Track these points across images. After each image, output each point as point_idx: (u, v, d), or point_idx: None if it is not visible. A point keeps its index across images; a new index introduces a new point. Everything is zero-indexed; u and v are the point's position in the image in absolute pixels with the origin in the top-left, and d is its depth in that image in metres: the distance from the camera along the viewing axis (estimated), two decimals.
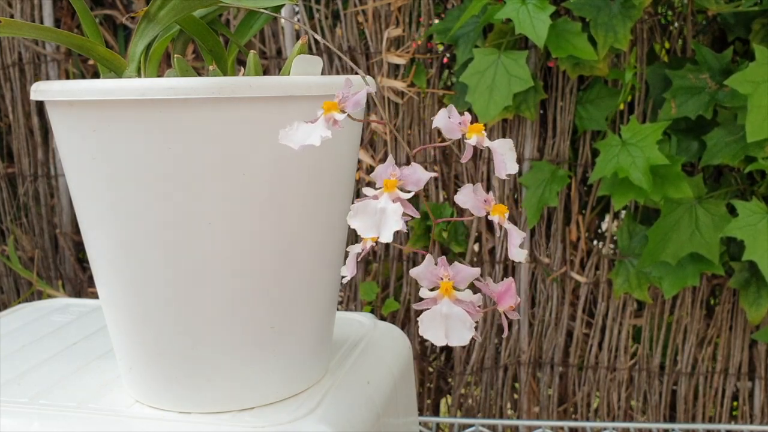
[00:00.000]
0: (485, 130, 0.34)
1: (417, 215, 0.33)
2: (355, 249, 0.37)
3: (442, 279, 0.32)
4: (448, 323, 0.31)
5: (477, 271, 0.32)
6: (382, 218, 0.31)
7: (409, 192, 0.32)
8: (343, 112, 0.34)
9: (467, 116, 0.34)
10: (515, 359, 1.18)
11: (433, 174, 0.33)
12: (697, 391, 1.15)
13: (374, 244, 0.35)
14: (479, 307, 0.33)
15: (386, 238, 0.30)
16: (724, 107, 0.99)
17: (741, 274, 1.05)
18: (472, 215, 0.32)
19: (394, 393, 0.59)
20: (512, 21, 0.95)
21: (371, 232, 0.31)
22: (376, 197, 0.32)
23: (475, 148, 0.34)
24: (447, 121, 0.33)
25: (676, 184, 0.97)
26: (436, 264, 0.32)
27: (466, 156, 0.34)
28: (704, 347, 1.14)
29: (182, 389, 0.49)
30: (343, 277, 0.37)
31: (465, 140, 0.34)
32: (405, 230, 0.33)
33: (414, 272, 0.32)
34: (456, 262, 0.32)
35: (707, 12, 1.06)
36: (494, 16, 0.94)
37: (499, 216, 0.34)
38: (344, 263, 0.39)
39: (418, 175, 0.32)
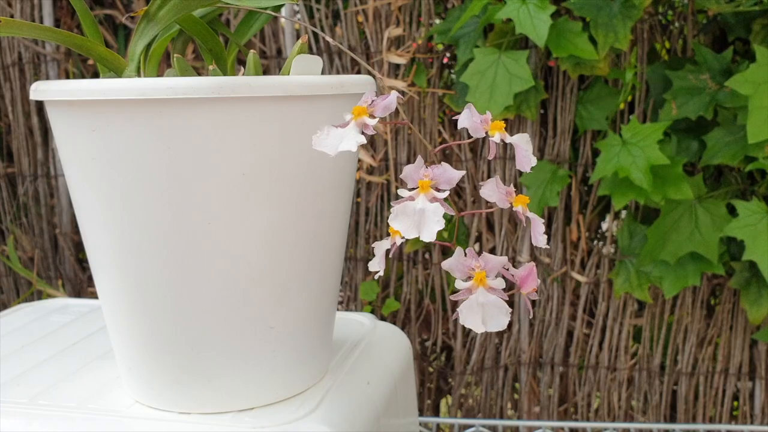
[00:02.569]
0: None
1: (453, 213, 0.34)
2: (384, 245, 0.38)
3: (473, 270, 0.34)
4: (485, 311, 0.33)
5: (504, 259, 0.34)
6: (422, 219, 0.32)
7: (443, 191, 0.33)
8: (373, 116, 0.35)
9: (489, 114, 0.36)
10: (516, 359, 1.18)
11: (463, 172, 0.34)
12: (697, 391, 1.15)
13: (403, 240, 0.36)
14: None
15: (428, 237, 0.32)
16: (725, 107, 0.98)
17: (741, 274, 1.05)
18: (475, 212, 0.33)
19: (394, 393, 0.59)
20: (513, 21, 0.95)
21: (412, 232, 0.32)
22: (412, 198, 0.32)
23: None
24: (471, 120, 0.35)
25: (677, 185, 0.97)
26: (465, 255, 0.34)
27: (492, 153, 0.35)
28: (705, 347, 1.14)
29: (182, 389, 0.49)
30: (376, 272, 0.38)
31: (489, 138, 0.35)
32: (443, 227, 0.34)
33: (446, 265, 0.34)
34: (485, 253, 0.34)
35: (707, 12, 1.06)
36: (495, 15, 0.94)
37: (522, 206, 0.35)
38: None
39: (449, 174, 0.34)
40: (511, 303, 1.18)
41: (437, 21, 1.12)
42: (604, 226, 1.18)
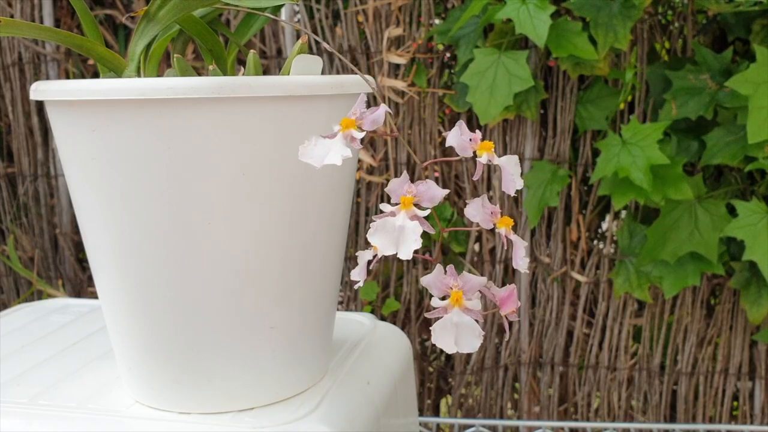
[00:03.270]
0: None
1: (432, 231, 0.34)
2: (366, 255, 0.38)
3: (451, 288, 0.33)
4: (458, 331, 0.32)
5: (484, 280, 0.33)
6: (401, 236, 0.32)
7: (425, 209, 0.33)
8: (362, 129, 0.34)
9: (478, 134, 0.35)
10: (516, 359, 1.18)
11: (447, 191, 0.33)
12: (697, 391, 1.15)
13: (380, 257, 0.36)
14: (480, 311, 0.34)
15: (405, 255, 0.31)
16: (725, 107, 0.98)
17: (741, 274, 1.05)
18: (456, 228, 0.33)
19: (395, 393, 0.59)
20: (513, 21, 0.95)
21: (390, 249, 0.32)
22: (393, 214, 0.32)
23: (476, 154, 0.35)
24: (459, 138, 0.34)
25: (677, 185, 0.97)
26: (445, 273, 0.33)
27: (477, 173, 0.35)
28: (704, 347, 1.14)
29: (182, 389, 0.49)
30: (355, 282, 0.38)
31: (477, 158, 0.35)
32: (419, 247, 0.34)
33: (425, 281, 0.33)
34: (465, 272, 0.33)
35: (707, 12, 1.06)
36: (495, 16, 0.94)
37: (506, 228, 0.35)
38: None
39: (433, 192, 0.33)
40: None
41: (437, 21, 1.12)
42: (604, 226, 1.18)
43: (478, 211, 0.35)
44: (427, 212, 0.33)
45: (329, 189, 0.49)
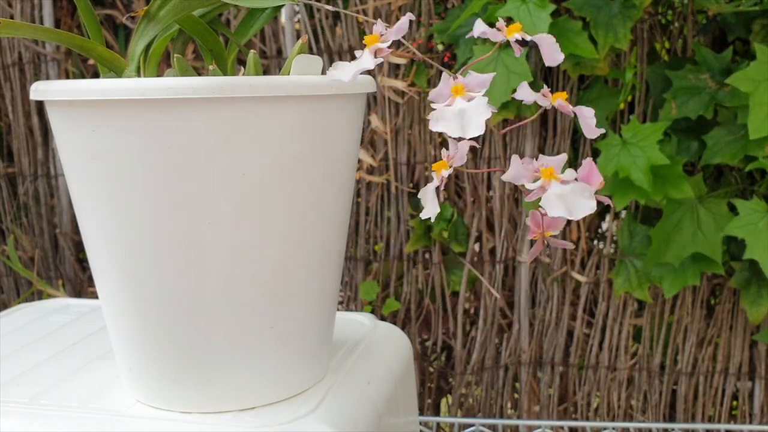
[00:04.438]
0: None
1: (495, 109, 0.34)
2: (432, 185, 0.37)
3: (538, 171, 0.33)
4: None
5: (564, 156, 0.33)
6: (464, 117, 0.32)
7: (477, 93, 0.33)
8: (386, 41, 0.35)
9: (501, 21, 0.36)
10: (516, 359, 1.18)
11: (492, 74, 0.34)
12: (697, 390, 1.15)
13: (448, 174, 0.35)
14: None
15: (476, 131, 0.31)
16: (725, 107, 0.98)
17: (741, 274, 1.05)
18: (497, 170, 0.33)
19: (395, 393, 0.59)
20: (513, 20, 0.94)
21: (458, 132, 0.32)
22: (449, 104, 0.33)
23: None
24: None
25: (678, 185, 0.97)
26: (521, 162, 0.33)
27: (517, 51, 0.36)
28: (704, 347, 1.14)
29: (182, 389, 0.49)
30: (427, 217, 0.37)
31: (510, 39, 0.36)
32: (489, 116, 0.33)
33: (507, 177, 0.33)
34: (541, 155, 0.33)
35: (707, 12, 1.06)
36: (495, 14, 0.94)
37: (561, 99, 0.36)
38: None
39: (480, 78, 0.33)
40: (511, 303, 1.18)
41: (437, 21, 1.12)
42: (604, 226, 1.18)
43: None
44: (481, 93, 0.33)
45: (329, 188, 0.49)
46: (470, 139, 0.33)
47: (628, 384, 1.17)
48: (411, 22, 1.10)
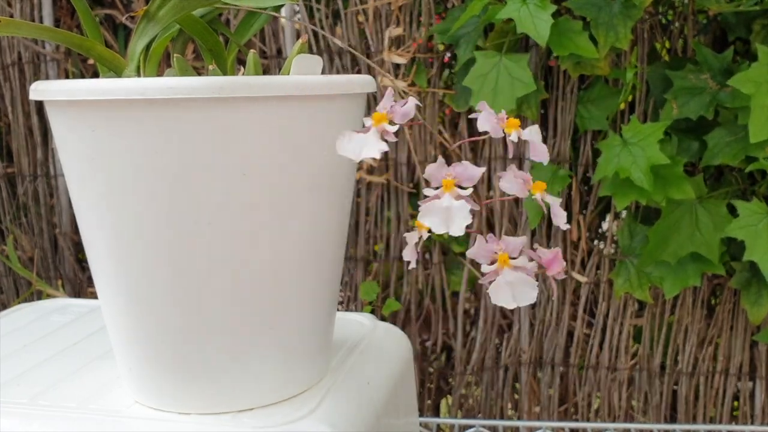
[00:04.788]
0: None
1: (478, 208, 0.36)
2: (413, 237, 0.40)
3: (496, 253, 0.36)
4: (513, 288, 0.35)
5: (524, 239, 0.36)
6: (449, 216, 0.34)
7: (466, 189, 0.35)
8: (393, 123, 0.36)
9: (504, 113, 0.38)
10: (516, 359, 1.18)
11: (483, 169, 0.36)
12: (697, 391, 1.15)
13: (428, 233, 0.38)
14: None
15: (457, 231, 0.34)
16: (725, 107, 0.98)
17: (742, 274, 1.04)
18: (502, 199, 0.34)
19: (395, 393, 0.59)
20: (513, 20, 0.94)
21: (442, 228, 0.34)
22: (438, 196, 0.35)
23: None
24: (490, 120, 0.37)
25: (678, 185, 0.97)
26: (486, 241, 0.36)
27: (510, 151, 0.37)
28: (705, 347, 1.14)
29: (182, 390, 0.49)
30: (408, 263, 0.40)
31: (507, 136, 0.37)
32: (470, 222, 0.36)
33: (470, 253, 0.36)
34: (504, 236, 0.36)
35: (708, 12, 1.06)
36: (495, 15, 0.94)
37: (540, 193, 0.38)
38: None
39: (471, 172, 0.36)
40: None
41: (438, 22, 1.12)
42: (605, 226, 1.18)
43: (511, 183, 0.37)
44: (469, 191, 0.35)
45: (329, 189, 0.49)
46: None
47: (629, 384, 1.17)
48: (411, 21, 1.10)
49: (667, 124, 0.96)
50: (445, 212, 0.34)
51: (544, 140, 1.12)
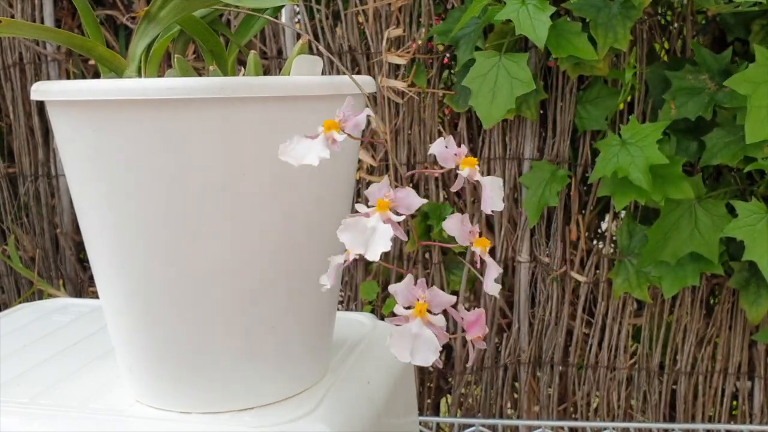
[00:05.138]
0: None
1: (405, 238, 0.34)
2: (337, 260, 0.37)
3: (418, 300, 0.32)
4: (416, 343, 0.32)
5: (453, 299, 0.32)
6: (372, 237, 0.31)
7: (400, 215, 0.32)
8: (344, 132, 0.34)
9: (463, 149, 0.35)
10: (515, 359, 1.18)
11: (424, 201, 0.33)
12: (696, 390, 1.16)
13: (357, 257, 0.35)
14: (446, 331, 0.34)
15: (372, 256, 0.31)
16: (724, 108, 0.99)
17: (741, 274, 1.05)
18: (430, 243, 0.33)
19: (395, 393, 0.59)
20: (512, 22, 0.95)
21: (359, 248, 0.31)
22: (367, 215, 0.32)
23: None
24: (443, 150, 0.34)
25: (677, 185, 0.97)
26: (415, 284, 0.33)
27: (456, 186, 0.35)
28: (704, 347, 1.14)
29: (182, 389, 0.49)
30: (323, 285, 0.37)
31: (458, 171, 0.34)
32: (388, 249, 0.33)
33: (392, 289, 0.33)
34: (434, 287, 0.32)
35: (707, 12, 1.06)
36: (494, 17, 0.94)
37: (481, 249, 0.35)
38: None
39: (411, 200, 0.32)
40: (510, 303, 1.18)
41: (437, 22, 1.12)
42: (604, 225, 1.18)
43: (455, 227, 0.34)
44: (401, 218, 0.32)
45: (330, 189, 0.49)
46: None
47: (628, 384, 1.17)
48: (411, 22, 1.10)
49: (665, 124, 0.96)
50: (369, 232, 0.31)
51: (543, 140, 1.12)
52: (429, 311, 0.32)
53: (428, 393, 1.25)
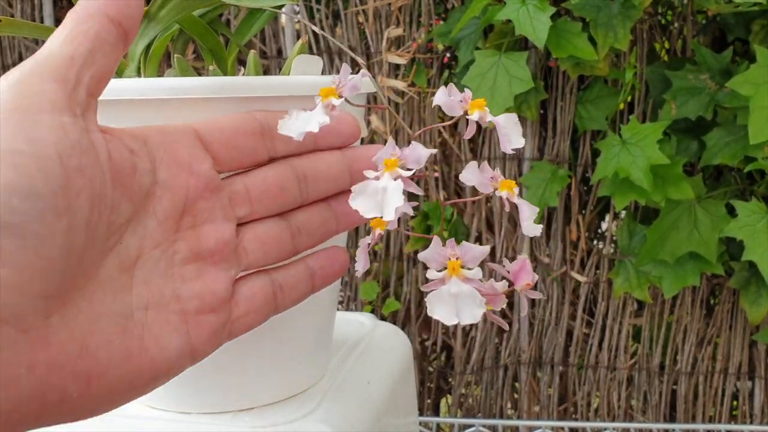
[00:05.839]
0: (485, 129, 0.33)
1: (420, 192, 0.32)
2: (365, 241, 0.36)
3: (449, 259, 0.31)
4: (457, 302, 0.30)
5: (486, 249, 0.31)
6: (384, 197, 0.30)
7: (410, 170, 0.31)
8: (341, 97, 0.33)
9: (468, 92, 0.33)
10: (515, 359, 1.18)
11: (434, 150, 0.31)
12: (697, 390, 1.15)
13: (382, 232, 0.34)
14: (499, 289, 0.33)
15: (389, 216, 0.29)
16: (724, 107, 0.99)
17: (741, 274, 1.05)
18: (456, 201, 0.32)
19: (395, 393, 0.59)
20: (512, 22, 0.95)
21: (373, 212, 0.30)
22: (377, 178, 0.31)
23: (479, 125, 0.33)
24: (447, 98, 0.32)
25: (677, 185, 0.97)
26: (444, 245, 0.31)
27: (470, 132, 0.33)
28: (704, 347, 1.14)
29: (182, 389, 0.49)
30: (356, 271, 0.36)
31: (467, 116, 0.32)
32: (411, 213, 0.32)
33: (422, 256, 0.31)
34: (464, 242, 0.31)
35: (707, 12, 1.06)
36: (494, 16, 0.94)
37: (508, 191, 0.32)
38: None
39: (419, 153, 0.31)
40: (511, 303, 1.18)
41: (437, 23, 1.12)
42: (604, 226, 1.18)
43: (475, 176, 0.32)
44: (411, 173, 0.30)
45: None
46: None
47: (628, 384, 1.17)
48: (411, 21, 1.10)
49: (666, 124, 0.96)
50: (380, 194, 0.29)
51: (543, 140, 1.12)
52: (464, 267, 0.30)
53: (428, 393, 1.25)
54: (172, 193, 0.30)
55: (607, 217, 1.15)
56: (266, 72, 1.15)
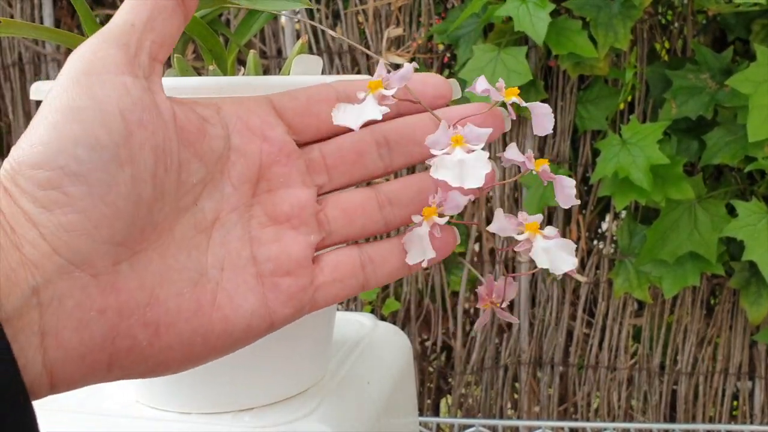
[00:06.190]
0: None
1: (494, 170, 0.34)
2: (422, 230, 0.36)
3: (522, 223, 0.34)
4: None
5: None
6: (463, 169, 0.31)
7: (477, 146, 0.32)
8: (390, 87, 0.33)
9: (501, 81, 0.35)
10: (515, 359, 1.18)
11: (489, 130, 0.32)
12: (697, 390, 1.15)
13: (445, 217, 0.35)
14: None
15: (476, 183, 0.31)
16: (724, 107, 0.99)
17: (741, 274, 1.05)
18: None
19: (395, 393, 0.59)
20: (512, 20, 0.95)
21: (456, 182, 0.31)
22: (449, 152, 0.32)
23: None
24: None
25: (678, 185, 0.97)
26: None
27: (512, 116, 0.35)
28: (704, 347, 1.14)
29: (182, 389, 0.49)
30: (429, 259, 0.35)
31: (506, 102, 0.35)
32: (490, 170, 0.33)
33: (493, 227, 0.34)
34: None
35: (707, 12, 1.06)
36: (494, 13, 0.94)
37: (544, 166, 0.35)
38: None
39: (477, 132, 0.32)
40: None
41: (437, 22, 1.12)
42: (604, 226, 1.18)
43: (516, 155, 0.34)
44: (479, 147, 0.32)
45: None
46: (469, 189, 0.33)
47: (628, 384, 1.17)
48: (411, 21, 1.10)
49: (666, 123, 0.96)
50: (458, 166, 0.31)
51: (543, 140, 1.12)
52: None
53: (428, 393, 1.24)
54: (246, 159, 0.31)
55: (608, 217, 1.15)
56: (266, 72, 1.15)
